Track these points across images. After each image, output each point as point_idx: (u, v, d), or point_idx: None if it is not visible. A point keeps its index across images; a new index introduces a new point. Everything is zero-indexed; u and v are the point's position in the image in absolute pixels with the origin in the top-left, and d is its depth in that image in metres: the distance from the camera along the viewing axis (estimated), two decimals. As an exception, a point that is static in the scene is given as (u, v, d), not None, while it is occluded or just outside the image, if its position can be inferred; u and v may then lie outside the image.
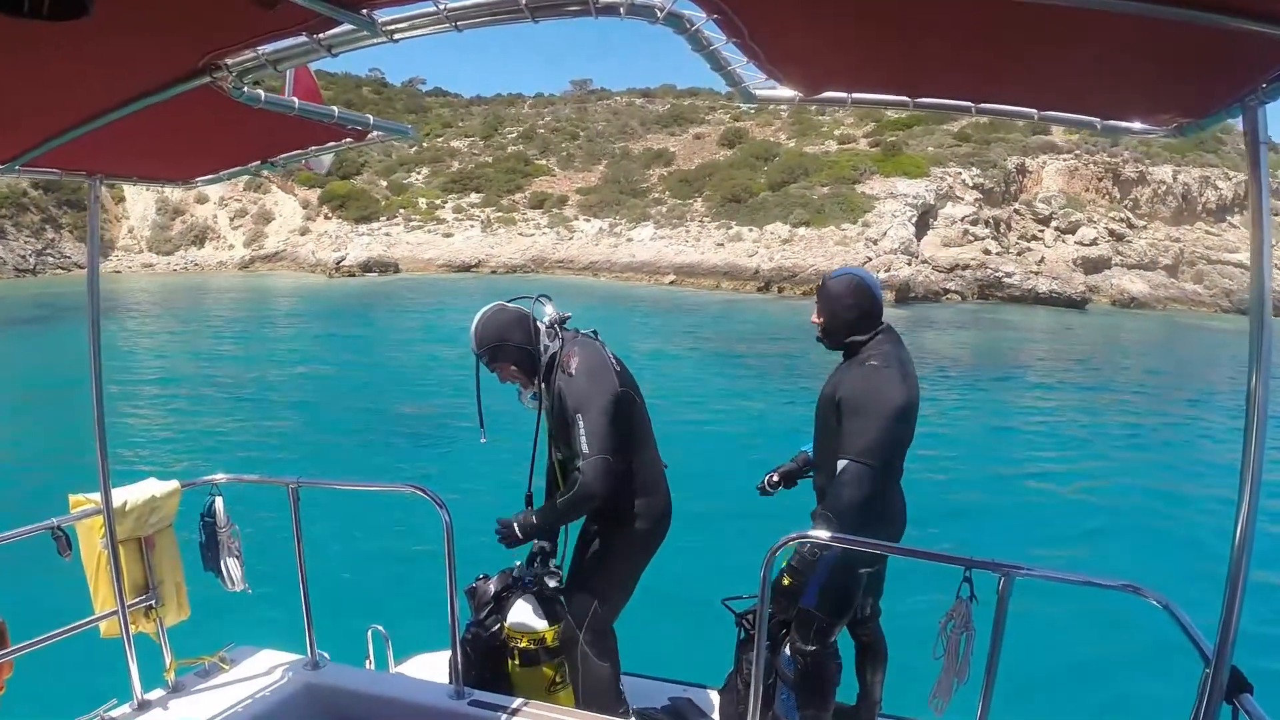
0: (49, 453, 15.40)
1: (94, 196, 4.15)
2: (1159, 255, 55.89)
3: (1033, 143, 60.18)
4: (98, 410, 4.15)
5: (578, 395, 4.57)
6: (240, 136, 3.62)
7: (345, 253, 57.49)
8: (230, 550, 4.90)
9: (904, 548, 4.42)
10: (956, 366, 28.58)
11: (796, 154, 62.00)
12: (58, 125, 3.10)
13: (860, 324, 4.67)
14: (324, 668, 4.89)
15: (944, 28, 2.29)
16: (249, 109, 2.89)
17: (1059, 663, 9.11)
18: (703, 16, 2.20)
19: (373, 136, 3.66)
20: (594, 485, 4.49)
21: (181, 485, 4.71)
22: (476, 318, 4.76)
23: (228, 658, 4.88)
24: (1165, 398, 25.81)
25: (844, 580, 4.66)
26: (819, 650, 4.72)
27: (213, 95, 2.69)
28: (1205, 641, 3.21)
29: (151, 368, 24.66)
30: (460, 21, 2.25)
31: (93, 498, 4.30)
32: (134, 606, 4.46)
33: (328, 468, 14.99)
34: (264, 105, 2.92)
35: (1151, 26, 1.98)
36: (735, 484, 8.60)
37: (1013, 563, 3.61)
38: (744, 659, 5.05)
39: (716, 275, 51.74)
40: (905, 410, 4.47)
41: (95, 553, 4.37)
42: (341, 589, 8.47)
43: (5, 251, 52.91)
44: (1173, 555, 12.39)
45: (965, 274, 50.51)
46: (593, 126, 75.42)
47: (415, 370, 24.97)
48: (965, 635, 3.78)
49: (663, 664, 5.79)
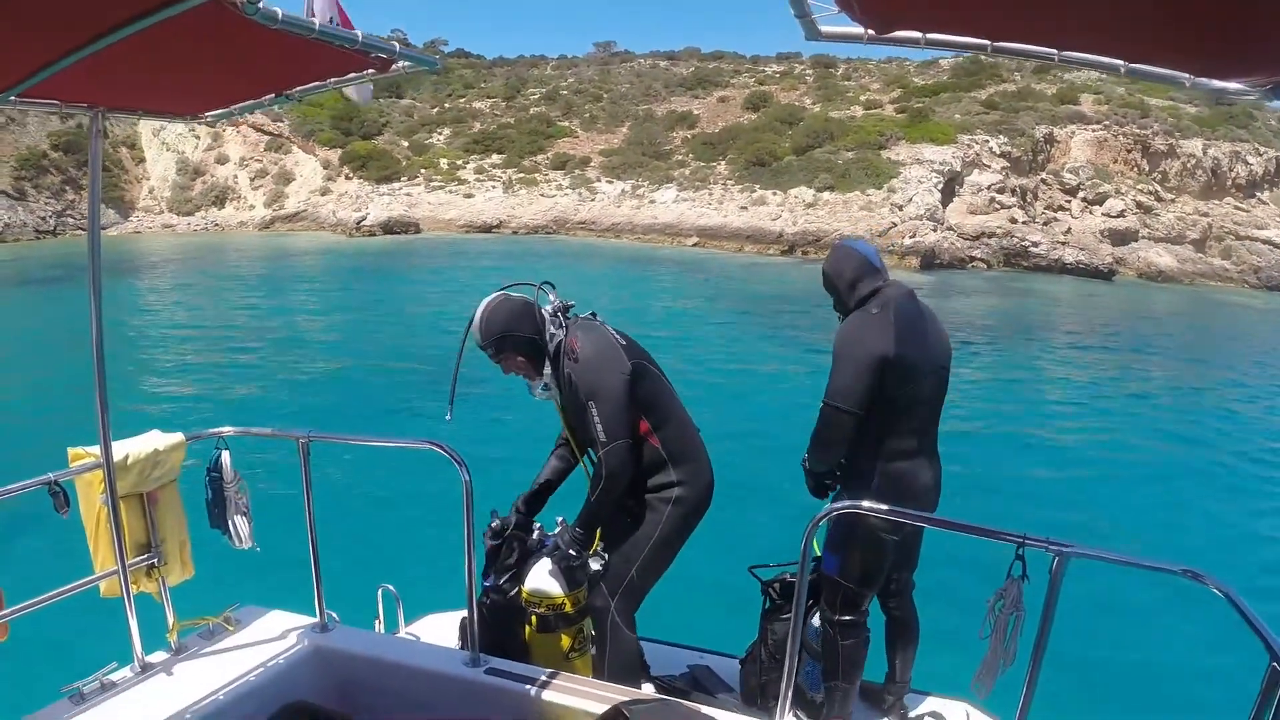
0: (52, 409, 15.28)
1: (95, 130, 3.90)
2: (1187, 229, 55.17)
3: (1061, 112, 59.54)
4: (97, 357, 3.93)
5: (588, 382, 4.47)
6: (253, 64, 3.37)
7: (366, 213, 57.36)
8: (238, 506, 4.71)
9: (955, 521, 4.20)
10: (984, 333, 28.31)
11: (822, 118, 61.44)
12: (56, 50, 2.85)
13: (859, 285, 4.62)
14: (333, 630, 4.72)
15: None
16: (264, 32, 2.63)
17: (1105, 648, 8.86)
18: None
19: (398, 67, 3.41)
20: (617, 471, 4.44)
21: (186, 438, 4.51)
22: (480, 309, 4.62)
23: (233, 618, 4.72)
24: (1212, 376, 25.46)
25: (868, 545, 4.55)
26: (850, 621, 4.65)
27: (224, 15, 2.43)
28: (1271, 634, 3.03)
29: (164, 323, 24.64)
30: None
31: (92, 451, 4.10)
32: (135, 565, 4.28)
33: (341, 423, 14.88)
34: (280, 25, 2.66)
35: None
36: (767, 449, 8.45)
37: (1067, 541, 3.44)
38: (768, 628, 4.95)
39: (740, 238, 51.47)
40: (892, 361, 4.35)
41: (95, 509, 4.18)
42: (352, 547, 8.33)
43: (25, 213, 53.00)
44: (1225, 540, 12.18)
45: (991, 242, 50.03)
46: (616, 88, 75.00)
47: (433, 327, 24.78)
48: (1015, 616, 3.62)
49: (683, 630, 5.65)
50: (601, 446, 4.42)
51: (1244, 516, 13.21)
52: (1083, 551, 3.43)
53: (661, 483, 4.66)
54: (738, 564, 5.21)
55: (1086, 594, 8.47)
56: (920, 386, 4.46)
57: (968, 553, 4.37)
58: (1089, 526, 12.15)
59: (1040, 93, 62.51)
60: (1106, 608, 8.98)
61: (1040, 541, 3.45)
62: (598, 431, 4.41)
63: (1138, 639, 9.13)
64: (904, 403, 4.43)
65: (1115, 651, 8.88)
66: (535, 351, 4.63)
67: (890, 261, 44.95)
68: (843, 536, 4.57)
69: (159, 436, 4.40)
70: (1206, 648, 8.47)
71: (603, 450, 4.42)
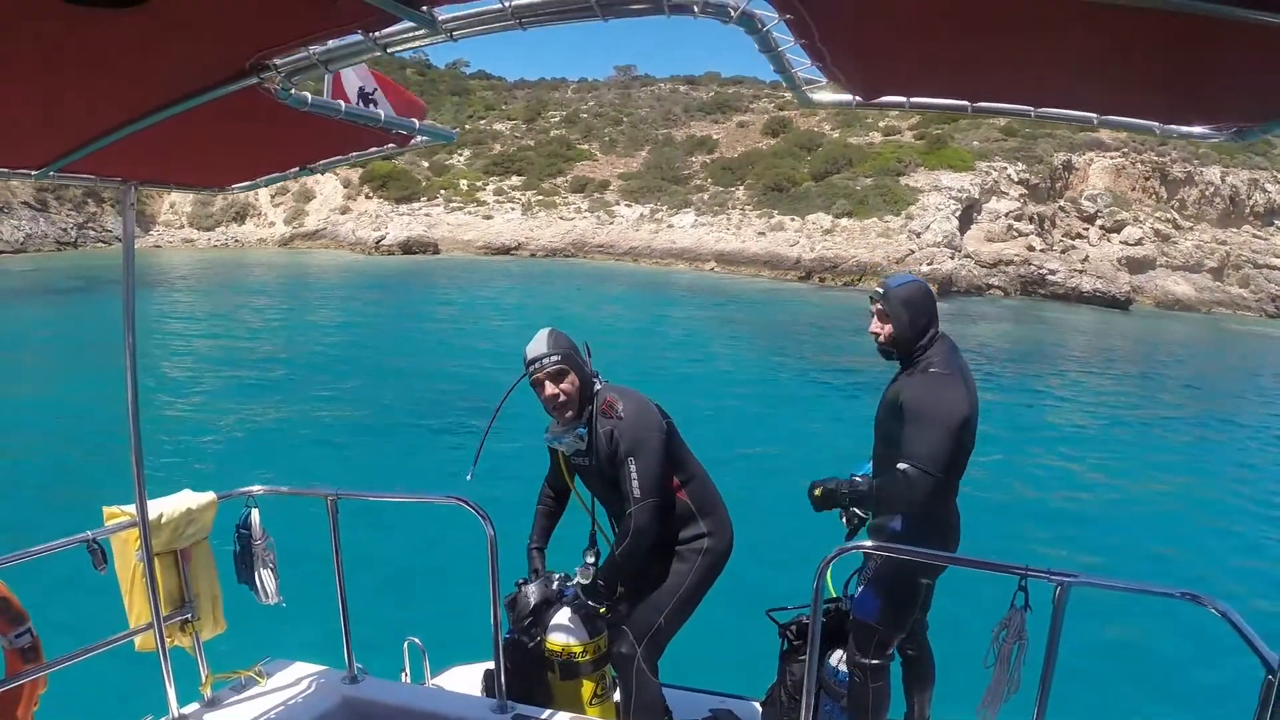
0: (75, 427, 15.50)
1: (128, 203, 4.02)
2: (1205, 257, 55.08)
3: (1080, 139, 59.40)
4: (133, 423, 4.07)
5: (631, 438, 4.51)
6: (280, 141, 3.53)
7: (385, 232, 57.75)
8: (265, 562, 4.81)
9: (958, 556, 4.33)
10: (999, 361, 28.30)
11: (840, 144, 61.57)
12: (96, 129, 3.00)
13: (928, 329, 4.60)
14: (362, 681, 4.82)
15: (1006, 32, 2.22)
16: (291, 112, 2.79)
17: (1111, 670, 8.94)
18: (774, 17, 2.14)
19: (417, 141, 3.58)
20: (645, 528, 4.49)
21: (218, 497, 4.64)
22: (544, 332, 4.63)
23: (264, 671, 4.82)
24: (1216, 401, 25.44)
25: (906, 591, 4.60)
26: (880, 665, 4.69)
27: (255, 97, 2.59)
28: (1267, 649, 3.18)
29: (184, 352, 24.72)
30: (526, 19, 2.16)
31: (128, 510, 4.23)
32: (169, 620, 4.39)
33: (366, 465, 14.95)
34: (310, 108, 2.82)
35: (1213, 28, 1.88)
36: (783, 488, 8.53)
37: (1068, 571, 3.55)
38: (787, 670, 5.02)
39: (757, 264, 51.58)
40: (968, 421, 4.39)
41: (130, 565, 4.29)
42: (377, 599, 8.42)
43: (47, 224, 53.49)
44: (1226, 560, 12.27)
45: (1008, 269, 50.02)
46: (636, 112, 75.34)
47: (457, 357, 24.87)
48: (1018, 645, 3.73)
49: (702, 675, 5.72)
50: (634, 503, 4.46)
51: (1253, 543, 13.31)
52: (1084, 580, 3.54)
53: (692, 534, 4.74)
54: (755, 606, 5.27)
55: (1091, 618, 8.60)
56: (974, 438, 4.52)
57: (974, 585, 4.45)
58: (1096, 551, 12.28)
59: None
60: (1111, 629, 9.10)
61: (1042, 573, 3.55)
62: (633, 488, 4.46)
63: (1142, 659, 9.28)
64: (965, 457, 4.50)
65: (1119, 671, 9.01)
66: (587, 385, 4.66)
67: (907, 290, 45.07)
68: (886, 584, 4.61)
69: (191, 496, 4.52)
70: (1208, 664, 8.60)
71: (635, 506, 4.46)
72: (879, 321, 4.70)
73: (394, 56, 2.36)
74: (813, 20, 2.15)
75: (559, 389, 4.56)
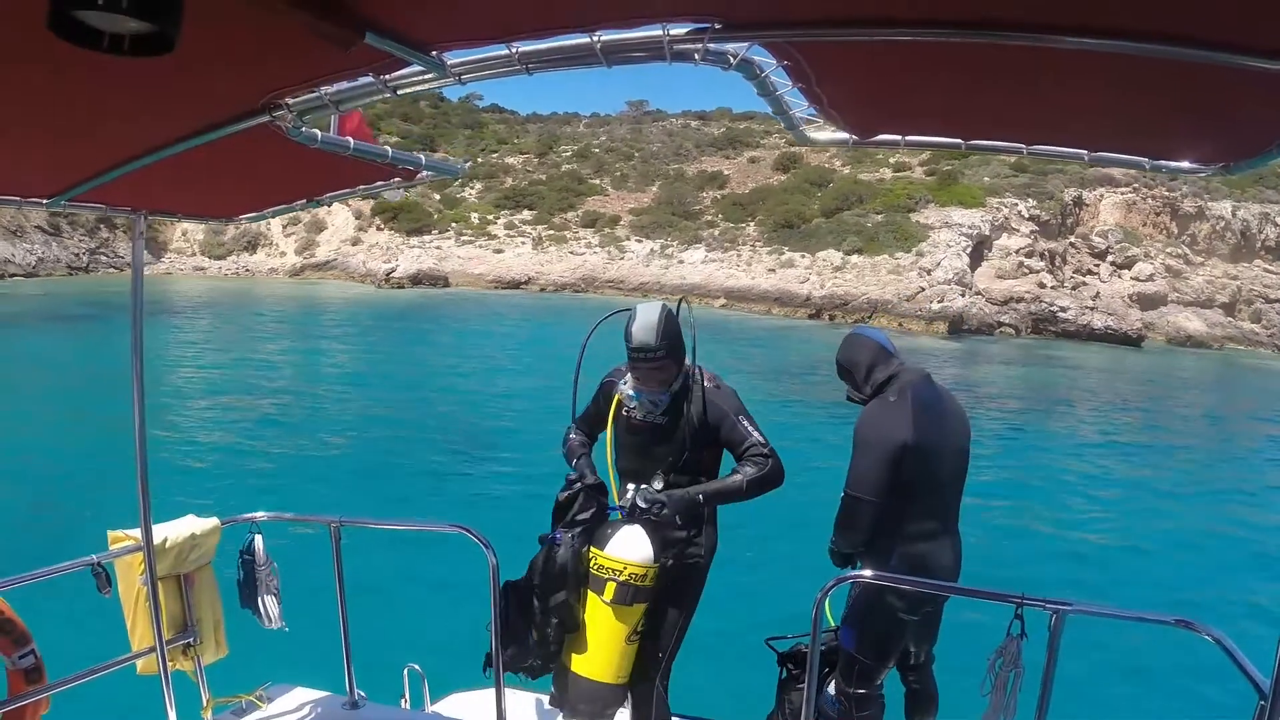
0: (83, 458, 15.57)
1: (138, 232, 4.10)
2: (1216, 293, 55.00)
3: (1090, 175, 59.41)
4: (140, 448, 4.12)
5: (730, 401, 4.50)
6: (289, 174, 3.59)
7: (396, 264, 57.95)
8: (268, 588, 4.86)
9: (954, 586, 4.38)
10: (1007, 403, 28.26)
11: (851, 180, 61.75)
12: (109, 160, 3.06)
13: (874, 371, 4.69)
14: (363, 708, 4.84)
15: (998, 74, 2.28)
16: (300, 147, 2.84)
17: (1107, 696, 8.97)
18: (773, 63, 2.20)
19: (423, 176, 3.63)
20: (777, 478, 4.42)
21: (222, 522, 4.68)
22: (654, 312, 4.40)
23: (265, 696, 4.85)
24: (1221, 437, 25.38)
25: (882, 623, 4.61)
26: (864, 694, 4.71)
27: (266, 133, 2.64)
28: (1259, 674, 3.21)
29: (192, 379, 24.81)
30: (532, 65, 2.20)
31: (132, 534, 4.28)
32: (172, 644, 4.43)
33: (371, 492, 14.97)
34: (320, 145, 2.88)
35: (1200, 69, 1.93)
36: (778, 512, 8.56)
37: (1063, 600, 3.61)
38: (785, 699, 5.02)
39: (768, 300, 51.61)
40: (911, 448, 4.39)
41: (134, 589, 4.35)
42: (378, 625, 8.44)
43: (60, 249, 53.86)
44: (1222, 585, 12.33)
45: (1019, 307, 49.95)
46: (647, 147, 75.65)
47: (466, 389, 24.94)
48: (1015, 672, 3.76)
49: (702, 703, 5.71)
50: (764, 447, 4.38)
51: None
52: (1079, 609, 3.61)
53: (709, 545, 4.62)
54: (755, 634, 5.26)
55: (1089, 646, 8.64)
56: (940, 469, 4.54)
57: (974, 615, 4.48)
58: (1096, 583, 12.36)
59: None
60: (1108, 657, 9.10)
61: (1038, 601, 3.61)
62: (755, 435, 4.41)
63: (1137, 686, 9.33)
64: (924, 487, 4.49)
65: (1115, 697, 9.03)
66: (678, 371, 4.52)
67: (917, 328, 44.86)
68: (860, 613, 4.63)
69: (196, 521, 4.57)
70: (1201, 691, 8.61)
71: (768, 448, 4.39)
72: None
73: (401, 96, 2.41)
74: (809, 66, 2.21)
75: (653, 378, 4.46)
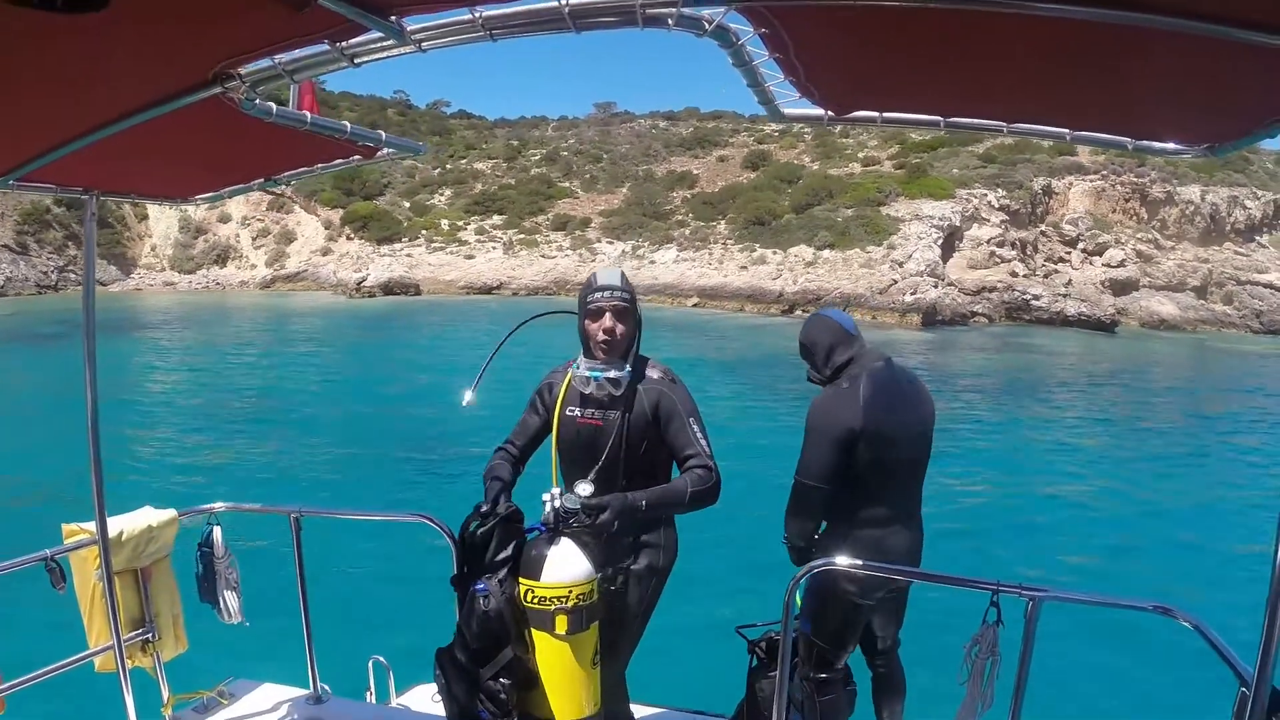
0: (46, 478, 15.30)
1: (90, 212, 4.01)
2: (1187, 276, 55.31)
3: (1059, 164, 59.83)
4: (93, 437, 4.02)
5: (686, 404, 4.14)
6: (244, 152, 3.50)
7: (367, 273, 57.68)
8: (228, 581, 4.77)
9: (929, 573, 4.33)
10: (984, 389, 28.36)
11: (820, 176, 61.86)
12: (57, 138, 2.96)
13: (834, 353, 4.64)
14: (327, 702, 4.76)
15: (979, 51, 2.23)
16: (255, 123, 2.76)
17: (1085, 683, 8.95)
18: (749, 31, 2.13)
19: (383, 153, 3.54)
20: (715, 491, 4.02)
21: (179, 514, 4.59)
22: (615, 268, 4.32)
23: (227, 692, 4.77)
24: (1197, 417, 25.53)
25: (835, 607, 4.57)
26: (825, 678, 4.69)
27: (219, 107, 2.56)
28: (1240, 662, 3.17)
29: (158, 386, 24.71)
30: (496, 30, 2.13)
31: (87, 527, 4.19)
32: (130, 640, 4.35)
33: (333, 492, 14.90)
34: (275, 119, 2.79)
35: (1185, 46, 1.88)
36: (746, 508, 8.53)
37: (1040, 586, 3.58)
38: (756, 686, 4.95)
39: (740, 298, 51.58)
40: (860, 433, 4.32)
41: (90, 584, 4.25)
42: (341, 618, 8.36)
43: (28, 268, 53.76)
44: (1205, 574, 12.31)
45: (992, 296, 50.14)
46: (616, 149, 75.74)
47: (429, 393, 24.86)
48: (991, 660, 3.73)
49: (671, 692, 5.65)
50: (709, 459, 4.02)
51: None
52: (1056, 595, 3.59)
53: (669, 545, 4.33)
54: (725, 622, 5.21)
55: (1065, 632, 8.62)
56: (896, 454, 4.46)
57: (947, 602, 4.42)
58: (1074, 567, 12.40)
59: (1038, 145, 62.84)
60: (1087, 645, 9.08)
61: (1013, 588, 3.57)
62: (701, 444, 4.05)
63: (1117, 673, 9.25)
64: (877, 472, 4.42)
65: (1094, 685, 8.99)
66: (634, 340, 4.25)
67: (891, 320, 45.04)
68: (815, 599, 4.61)
69: (152, 513, 4.47)
70: (1183, 677, 8.55)
71: (711, 462, 4.03)
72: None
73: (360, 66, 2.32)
74: (788, 35, 2.14)
75: (616, 325, 4.14)
